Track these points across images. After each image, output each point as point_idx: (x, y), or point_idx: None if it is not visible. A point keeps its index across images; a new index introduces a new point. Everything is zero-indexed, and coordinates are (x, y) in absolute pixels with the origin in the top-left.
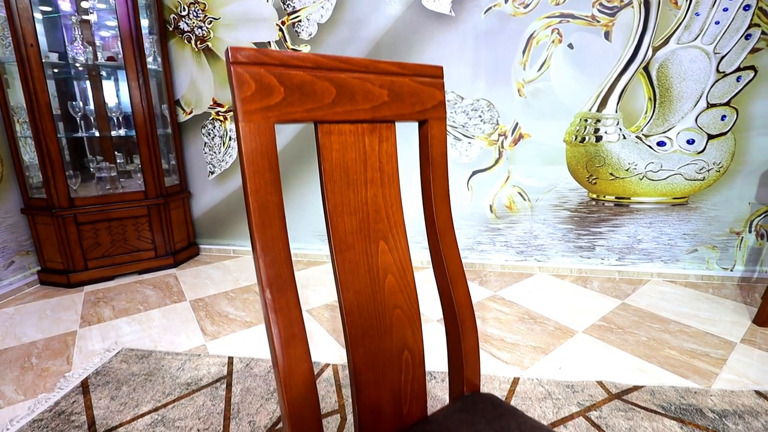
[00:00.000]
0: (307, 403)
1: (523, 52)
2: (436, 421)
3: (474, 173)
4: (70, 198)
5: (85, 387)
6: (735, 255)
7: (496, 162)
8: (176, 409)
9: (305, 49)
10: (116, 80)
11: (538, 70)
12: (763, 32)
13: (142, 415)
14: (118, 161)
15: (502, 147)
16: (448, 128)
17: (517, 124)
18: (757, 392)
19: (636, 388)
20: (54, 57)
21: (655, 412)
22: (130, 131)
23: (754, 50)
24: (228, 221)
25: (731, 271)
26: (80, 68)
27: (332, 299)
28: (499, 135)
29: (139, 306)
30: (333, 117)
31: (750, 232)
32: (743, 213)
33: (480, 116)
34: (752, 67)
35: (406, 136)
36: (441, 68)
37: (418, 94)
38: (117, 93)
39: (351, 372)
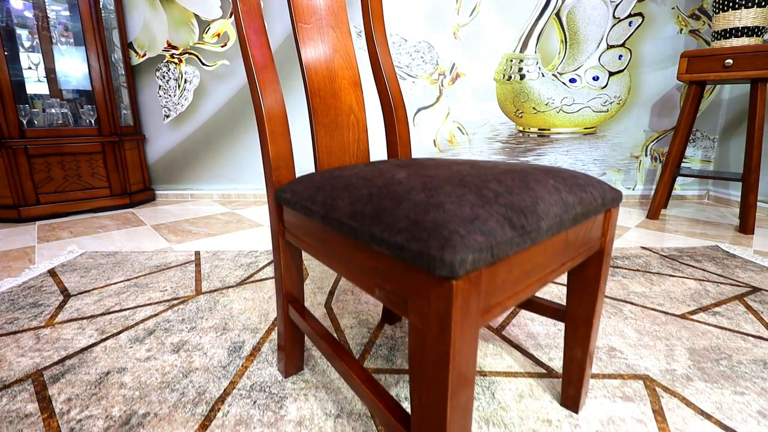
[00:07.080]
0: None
1: None
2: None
3: (419, 110)
4: (21, 129)
5: (52, 273)
6: (636, 176)
7: (438, 99)
8: (148, 278)
9: None
10: (67, 17)
11: (470, 15)
12: None
13: (115, 283)
14: (73, 104)
15: (442, 86)
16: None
17: (454, 64)
18: (642, 247)
19: None
20: None
21: None
22: (83, 68)
23: None
24: (185, 166)
25: (633, 190)
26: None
27: None
28: (439, 74)
29: (99, 230)
30: None
31: (646, 155)
32: (640, 139)
33: (422, 57)
34: (640, 14)
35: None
36: None
37: None
38: (67, 30)
39: (311, 118)
